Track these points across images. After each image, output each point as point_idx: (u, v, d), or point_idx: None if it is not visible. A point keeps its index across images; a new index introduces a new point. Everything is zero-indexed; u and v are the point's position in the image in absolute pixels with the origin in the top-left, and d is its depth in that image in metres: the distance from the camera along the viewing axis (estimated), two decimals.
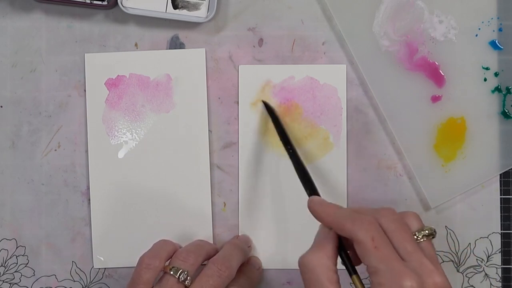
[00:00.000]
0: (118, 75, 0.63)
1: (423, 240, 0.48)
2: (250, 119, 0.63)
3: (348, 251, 0.49)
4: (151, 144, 0.63)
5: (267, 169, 0.63)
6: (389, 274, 0.44)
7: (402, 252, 0.45)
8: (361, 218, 0.46)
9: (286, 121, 0.63)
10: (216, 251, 0.59)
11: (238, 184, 0.63)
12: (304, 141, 0.63)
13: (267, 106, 0.62)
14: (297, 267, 0.63)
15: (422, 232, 0.48)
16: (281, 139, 0.60)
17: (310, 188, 0.54)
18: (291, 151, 0.58)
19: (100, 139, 0.63)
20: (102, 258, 0.63)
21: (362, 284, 0.47)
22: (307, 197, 0.63)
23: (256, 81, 0.63)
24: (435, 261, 0.47)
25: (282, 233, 0.63)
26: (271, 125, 0.63)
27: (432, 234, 0.48)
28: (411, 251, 0.45)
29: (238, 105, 0.63)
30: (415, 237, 0.48)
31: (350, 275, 0.48)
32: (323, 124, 0.63)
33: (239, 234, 0.63)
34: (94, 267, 0.64)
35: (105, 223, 0.63)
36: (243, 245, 0.61)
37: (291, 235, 0.63)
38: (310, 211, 0.51)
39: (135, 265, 0.63)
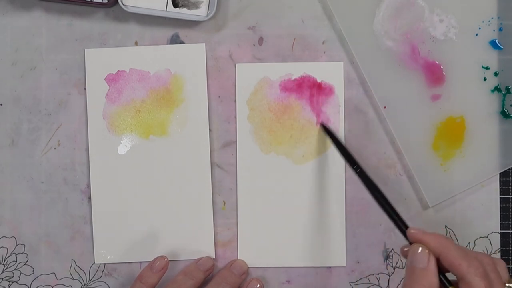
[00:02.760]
0: (118, 70, 0.63)
1: None
2: (248, 117, 0.63)
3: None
4: (152, 141, 0.63)
5: (266, 168, 0.63)
6: None
7: None
8: (475, 263, 0.49)
9: (284, 119, 0.63)
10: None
11: (237, 182, 0.63)
12: (302, 139, 0.63)
13: (326, 129, 0.62)
14: (296, 266, 0.63)
15: (508, 284, 0.51)
16: (346, 161, 0.59)
17: (396, 215, 0.54)
18: (358, 170, 0.58)
19: (101, 134, 0.63)
20: (103, 253, 0.63)
21: None
22: (306, 195, 0.63)
23: (254, 79, 0.63)
24: None
25: (281, 232, 0.63)
26: (271, 125, 0.63)
27: None
28: None
29: (235, 103, 0.63)
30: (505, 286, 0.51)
31: (447, 287, 0.50)
32: (319, 124, 0.63)
33: (237, 259, 0.64)
34: (96, 262, 0.64)
35: (106, 219, 0.63)
36: (234, 278, 0.62)
37: (290, 234, 0.63)
38: (412, 240, 0.52)
39: (135, 260, 0.63)
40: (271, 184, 0.63)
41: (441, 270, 0.51)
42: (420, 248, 0.50)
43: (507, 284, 0.51)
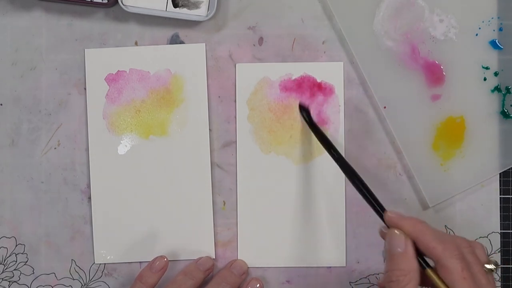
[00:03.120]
0: (118, 70, 0.63)
1: (488, 274, 0.50)
2: (248, 117, 0.63)
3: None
4: (152, 141, 0.63)
5: (266, 168, 0.63)
6: None
7: (478, 285, 0.48)
8: (451, 245, 0.49)
9: (284, 119, 0.63)
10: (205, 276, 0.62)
11: (237, 182, 0.63)
12: (302, 139, 0.63)
13: (302, 109, 0.62)
14: (296, 266, 0.63)
15: (488, 266, 0.50)
16: (323, 145, 0.59)
17: (373, 198, 0.54)
18: (336, 156, 0.58)
19: (101, 134, 0.63)
20: (103, 253, 0.63)
21: (439, 277, 0.49)
22: (306, 196, 0.63)
23: (254, 79, 0.63)
24: None
25: (281, 232, 0.63)
26: (271, 125, 0.63)
27: (495, 268, 0.50)
28: (485, 284, 0.48)
29: (235, 103, 0.63)
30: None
31: (424, 268, 0.50)
32: (321, 122, 0.63)
33: (237, 259, 0.64)
34: (96, 262, 0.64)
35: (106, 219, 0.63)
36: (233, 278, 0.62)
37: (290, 234, 0.63)
38: (389, 224, 0.52)
39: (135, 260, 0.63)
40: (271, 184, 0.63)
41: (420, 253, 0.50)
42: (398, 233, 0.50)
43: (486, 265, 0.50)
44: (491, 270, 0.50)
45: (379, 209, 0.53)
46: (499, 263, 0.63)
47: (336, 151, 0.58)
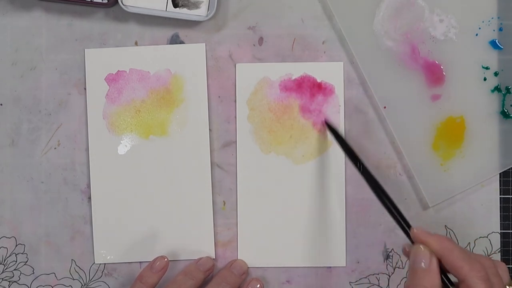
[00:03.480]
0: (118, 70, 0.63)
1: None
2: (248, 117, 0.63)
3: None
4: (152, 141, 0.63)
5: (266, 168, 0.63)
6: None
7: None
8: (477, 265, 0.49)
9: (284, 119, 0.63)
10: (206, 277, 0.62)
11: (237, 182, 0.63)
12: (302, 139, 0.63)
13: (329, 126, 0.62)
14: (296, 266, 0.63)
15: (510, 287, 0.51)
16: (349, 157, 0.59)
17: (399, 214, 0.55)
18: (361, 168, 0.58)
19: (101, 134, 0.63)
20: (103, 253, 0.63)
21: None
22: (306, 195, 0.63)
23: (254, 79, 0.63)
24: None
25: (281, 232, 0.63)
26: (271, 125, 0.63)
27: None
28: None
29: (235, 103, 0.64)
30: None
31: (448, 287, 0.51)
32: (321, 122, 0.63)
33: (237, 259, 0.64)
34: (96, 262, 0.64)
35: (106, 219, 0.63)
36: (233, 278, 0.62)
37: (291, 234, 0.63)
38: (416, 240, 0.52)
39: (135, 260, 0.63)
40: (271, 184, 0.63)
41: (444, 271, 0.51)
42: (423, 249, 0.50)
43: (507, 287, 0.51)
44: None
45: (404, 225, 0.54)
46: None
47: (362, 164, 0.58)
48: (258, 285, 0.62)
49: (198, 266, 0.62)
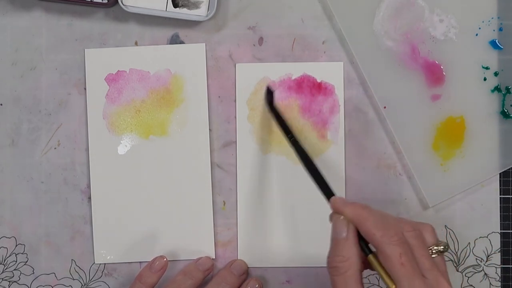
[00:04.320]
0: (118, 70, 0.63)
1: (437, 255, 0.50)
2: (248, 117, 0.63)
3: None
4: (152, 141, 0.63)
5: (266, 168, 0.63)
6: None
7: (421, 268, 0.47)
8: (390, 231, 0.48)
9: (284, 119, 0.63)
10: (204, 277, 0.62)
11: (237, 182, 0.63)
12: (302, 139, 0.63)
13: (269, 92, 0.62)
14: (296, 266, 0.63)
15: (437, 247, 0.50)
16: (281, 129, 0.59)
17: (323, 183, 0.54)
18: (292, 139, 0.57)
19: (101, 134, 0.63)
20: (103, 253, 0.63)
21: (380, 263, 0.48)
22: (306, 195, 0.63)
23: (254, 79, 0.63)
24: (447, 277, 0.49)
25: (281, 231, 0.63)
26: (271, 125, 0.63)
27: (445, 250, 0.50)
28: (429, 268, 0.47)
29: (235, 103, 0.63)
30: (430, 251, 0.49)
31: (366, 254, 0.49)
32: (321, 122, 0.63)
33: (237, 259, 0.64)
34: (96, 262, 0.64)
35: (106, 219, 0.63)
36: (233, 278, 0.62)
37: (290, 234, 0.63)
38: (334, 210, 0.52)
39: (135, 260, 0.63)
40: (271, 184, 0.63)
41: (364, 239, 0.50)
42: (339, 218, 0.50)
43: (435, 247, 0.50)
44: (440, 251, 0.49)
45: (327, 195, 0.53)
46: (498, 263, 0.63)
47: (293, 135, 0.57)
48: (257, 285, 0.62)
49: (197, 265, 0.62)
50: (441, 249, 0.50)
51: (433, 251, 0.50)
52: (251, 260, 0.63)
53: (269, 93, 0.62)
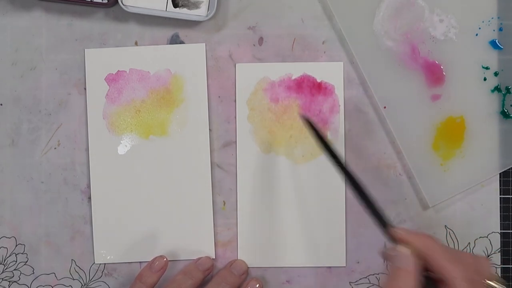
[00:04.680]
0: (118, 70, 0.63)
1: None
2: (248, 117, 0.63)
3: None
4: (152, 141, 0.63)
5: (266, 168, 0.63)
6: None
7: None
8: (461, 266, 0.49)
9: (284, 119, 0.63)
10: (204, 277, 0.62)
11: (237, 183, 0.63)
12: (302, 139, 0.63)
13: (307, 121, 0.59)
14: (296, 266, 0.63)
15: (490, 282, 0.50)
16: (327, 155, 0.57)
17: (379, 212, 0.54)
18: (344, 169, 0.56)
19: (101, 134, 0.63)
20: (103, 253, 0.63)
21: None
22: (306, 196, 0.63)
23: (254, 79, 0.63)
24: None
25: (281, 232, 0.63)
26: (271, 125, 0.63)
27: (499, 285, 0.51)
28: None
29: (235, 103, 0.64)
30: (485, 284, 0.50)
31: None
32: (321, 122, 0.63)
33: (237, 259, 0.64)
34: (96, 262, 0.64)
35: (106, 219, 0.63)
36: (233, 278, 0.62)
37: (290, 234, 0.63)
38: (397, 240, 0.51)
39: (135, 260, 0.63)
40: (271, 184, 0.63)
41: (428, 269, 0.50)
42: (405, 252, 0.50)
43: (488, 282, 0.50)
44: (493, 286, 0.50)
45: (385, 225, 0.53)
46: (498, 263, 0.63)
47: (341, 163, 0.56)
48: (257, 285, 0.62)
49: (197, 265, 0.62)
50: (494, 285, 0.50)
51: (487, 285, 0.50)
52: (251, 260, 0.63)
53: (308, 122, 0.59)
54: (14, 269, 0.64)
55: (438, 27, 0.63)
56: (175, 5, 0.62)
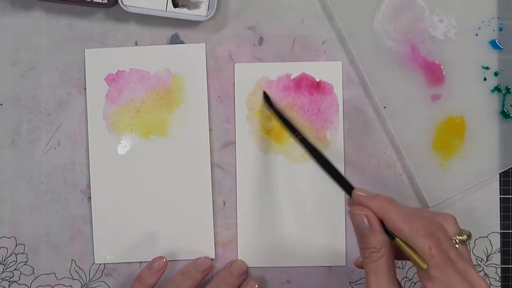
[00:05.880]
0: (118, 70, 0.63)
1: (461, 245, 0.50)
2: (247, 117, 0.63)
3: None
4: (152, 141, 0.63)
5: (266, 168, 0.63)
6: (444, 282, 0.47)
7: (448, 260, 0.48)
8: (417, 224, 0.48)
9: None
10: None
11: (236, 182, 0.63)
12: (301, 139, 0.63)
13: (266, 97, 0.62)
14: (296, 266, 0.63)
15: (460, 237, 0.50)
16: (286, 128, 0.59)
17: (339, 177, 0.54)
18: (299, 136, 0.58)
19: (101, 134, 0.63)
20: (103, 253, 0.63)
21: (408, 245, 0.48)
22: (306, 195, 0.63)
23: (252, 79, 0.63)
24: (472, 265, 0.49)
25: (281, 231, 0.63)
26: (270, 124, 0.63)
27: (468, 239, 0.50)
28: (455, 258, 0.48)
29: (234, 103, 0.64)
30: (454, 241, 0.50)
31: (393, 239, 0.49)
32: (320, 121, 0.63)
33: (237, 259, 0.64)
34: (96, 262, 0.64)
35: (106, 219, 0.63)
36: (233, 279, 0.62)
37: (290, 234, 0.63)
38: (357, 203, 0.51)
39: (135, 260, 0.63)
40: (270, 184, 0.63)
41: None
42: (359, 213, 0.50)
43: (458, 237, 0.50)
44: (463, 241, 0.50)
45: (348, 188, 0.53)
46: (498, 263, 0.63)
47: (300, 133, 0.57)
48: (256, 285, 0.62)
49: (196, 266, 0.62)
50: (464, 239, 0.50)
51: (457, 241, 0.50)
52: (251, 260, 0.63)
53: (266, 97, 0.62)
54: (14, 269, 0.64)
55: (438, 27, 0.63)
56: (175, 5, 0.62)
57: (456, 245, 0.49)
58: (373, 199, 0.50)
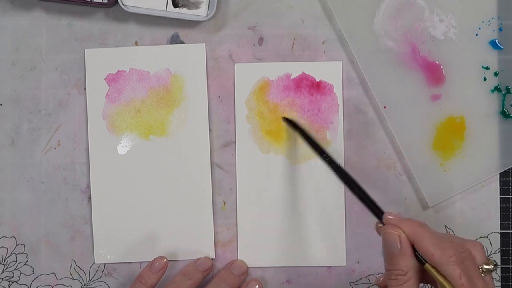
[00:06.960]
0: (118, 70, 0.63)
1: (487, 274, 0.50)
2: (247, 117, 0.63)
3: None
4: (152, 141, 0.63)
5: (266, 168, 0.63)
6: None
7: None
8: (449, 251, 0.48)
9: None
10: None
11: (236, 182, 0.63)
12: (301, 139, 0.63)
13: (288, 121, 0.62)
14: (296, 266, 0.63)
15: (486, 266, 0.50)
16: (314, 151, 0.59)
17: (371, 201, 0.54)
18: (327, 158, 0.57)
19: (101, 134, 0.63)
20: (103, 253, 0.63)
21: (438, 271, 0.49)
22: (306, 195, 0.63)
23: (252, 79, 0.63)
24: None
25: (281, 231, 0.63)
26: (270, 125, 0.63)
27: (494, 269, 0.50)
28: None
29: (234, 103, 0.64)
30: (480, 270, 0.50)
31: (422, 263, 0.50)
32: (320, 121, 0.63)
33: (237, 259, 0.64)
34: (96, 262, 0.64)
35: (106, 219, 0.63)
36: (233, 279, 0.62)
37: (290, 234, 0.63)
38: (387, 223, 0.52)
39: (135, 260, 0.63)
40: (270, 184, 0.63)
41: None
42: (393, 232, 0.50)
43: (485, 266, 0.50)
44: (489, 270, 0.50)
45: (377, 212, 0.53)
46: (498, 263, 0.63)
47: (329, 156, 0.57)
48: (257, 286, 0.62)
49: (196, 266, 0.62)
50: (491, 268, 0.50)
51: (483, 270, 0.50)
52: (251, 260, 0.63)
53: (289, 122, 0.62)
54: (14, 269, 0.64)
55: (438, 27, 0.63)
56: (175, 5, 0.62)
57: (482, 274, 0.50)
58: (405, 222, 0.51)
